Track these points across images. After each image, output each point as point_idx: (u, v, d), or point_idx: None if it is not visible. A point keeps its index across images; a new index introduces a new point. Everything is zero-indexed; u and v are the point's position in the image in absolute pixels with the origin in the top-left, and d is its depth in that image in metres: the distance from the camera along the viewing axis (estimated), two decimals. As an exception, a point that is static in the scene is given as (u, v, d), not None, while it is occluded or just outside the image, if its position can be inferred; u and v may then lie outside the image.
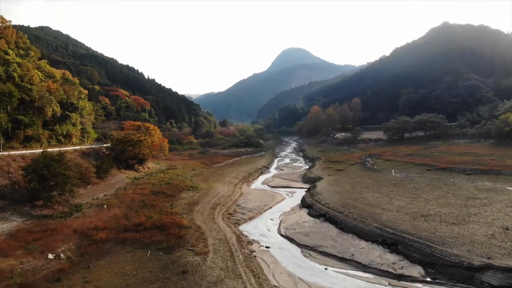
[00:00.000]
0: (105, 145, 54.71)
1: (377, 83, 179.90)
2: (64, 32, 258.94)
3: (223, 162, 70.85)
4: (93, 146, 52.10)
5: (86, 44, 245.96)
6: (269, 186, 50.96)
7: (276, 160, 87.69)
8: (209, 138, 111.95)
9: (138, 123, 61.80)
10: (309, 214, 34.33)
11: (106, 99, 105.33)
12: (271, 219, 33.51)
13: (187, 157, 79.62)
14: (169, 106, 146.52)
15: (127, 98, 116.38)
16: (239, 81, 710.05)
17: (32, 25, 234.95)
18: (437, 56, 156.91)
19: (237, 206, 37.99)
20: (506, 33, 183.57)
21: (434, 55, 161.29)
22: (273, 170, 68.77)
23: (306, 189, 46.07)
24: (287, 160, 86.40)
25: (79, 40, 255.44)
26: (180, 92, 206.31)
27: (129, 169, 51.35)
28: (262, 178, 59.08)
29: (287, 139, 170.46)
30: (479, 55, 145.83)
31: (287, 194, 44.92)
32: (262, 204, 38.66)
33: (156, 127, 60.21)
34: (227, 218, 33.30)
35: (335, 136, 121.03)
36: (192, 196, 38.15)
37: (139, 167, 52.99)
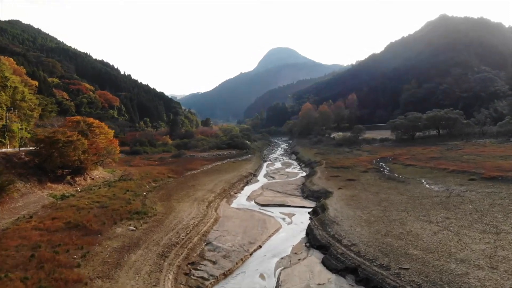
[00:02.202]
0: (30, 148, 39.42)
1: (373, 78, 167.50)
2: (36, 26, 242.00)
3: (199, 169, 56.25)
4: (5, 151, 36.76)
5: (58, 39, 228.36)
6: (257, 203, 36.99)
7: (265, 164, 73.66)
8: (187, 139, 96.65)
9: (78, 117, 46.65)
10: (325, 264, 20.24)
11: (64, 93, 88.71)
12: (261, 275, 19.52)
13: (156, 161, 64.69)
14: (144, 103, 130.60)
15: (91, 93, 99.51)
16: (225, 80, 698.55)
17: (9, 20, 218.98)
18: (440, 49, 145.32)
19: (206, 244, 23.77)
20: (507, 26, 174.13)
21: (436, 47, 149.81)
22: (262, 179, 54.82)
23: (309, 209, 32.64)
24: (278, 165, 72.42)
25: (50, 34, 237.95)
26: (166, 93, 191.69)
27: (61, 182, 36.28)
28: (247, 190, 45.01)
29: (276, 140, 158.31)
30: (487, 47, 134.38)
31: (284, 218, 31.12)
32: (246, 241, 24.57)
33: (103, 123, 44.94)
34: (185, 274, 19.09)
35: (332, 136, 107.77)
36: (133, 230, 23.56)
37: (76, 179, 37.96)
